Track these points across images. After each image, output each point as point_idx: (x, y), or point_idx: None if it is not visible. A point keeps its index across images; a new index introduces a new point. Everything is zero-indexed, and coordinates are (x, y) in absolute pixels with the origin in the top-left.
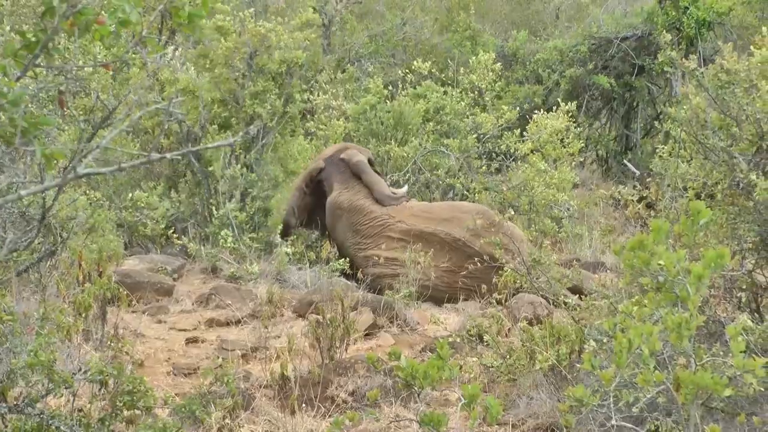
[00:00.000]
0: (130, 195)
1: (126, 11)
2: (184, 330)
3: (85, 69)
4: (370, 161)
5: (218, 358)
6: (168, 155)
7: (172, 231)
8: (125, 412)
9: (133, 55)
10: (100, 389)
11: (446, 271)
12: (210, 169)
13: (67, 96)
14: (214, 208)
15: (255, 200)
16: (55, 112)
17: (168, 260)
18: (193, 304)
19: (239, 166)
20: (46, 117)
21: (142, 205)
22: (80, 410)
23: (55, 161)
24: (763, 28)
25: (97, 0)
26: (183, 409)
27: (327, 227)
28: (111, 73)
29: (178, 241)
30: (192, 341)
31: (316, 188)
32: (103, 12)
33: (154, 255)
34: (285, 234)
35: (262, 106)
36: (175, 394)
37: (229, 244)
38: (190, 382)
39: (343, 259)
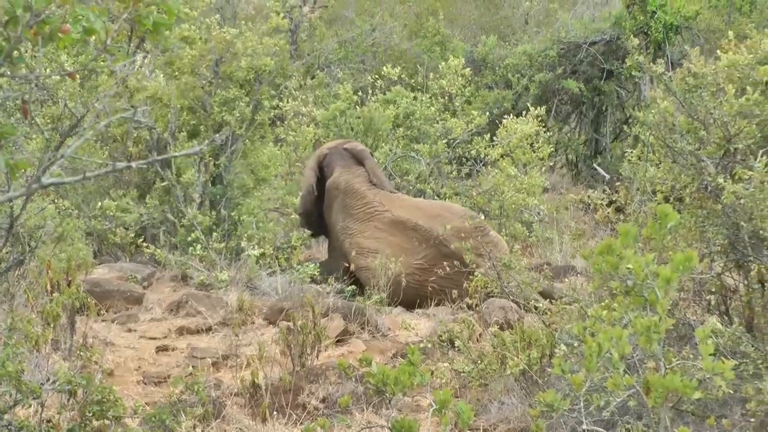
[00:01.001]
0: (100, 204)
1: (90, 20)
2: (154, 338)
3: (52, 77)
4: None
5: (189, 366)
6: (134, 164)
7: (142, 239)
8: (94, 423)
9: (102, 63)
10: (68, 399)
11: (419, 269)
12: (181, 177)
13: (30, 105)
14: (183, 216)
15: (225, 208)
16: (22, 121)
17: (137, 268)
18: (163, 313)
19: (208, 174)
20: (11, 126)
21: (112, 213)
22: (49, 421)
23: (21, 171)
24: (730, 32)
25: (62, 9)
26: (153, 419)
27: (324, 211)
28: (79, 81)
29: (148, 250)
30: (162, 350)
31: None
32: (67, 20)
33: (124, 263)
34: (303, 216)
35: (230, 114)
36: (146, 403)
37: (198, 252)
38: (160, 390)
39: (314, 265)
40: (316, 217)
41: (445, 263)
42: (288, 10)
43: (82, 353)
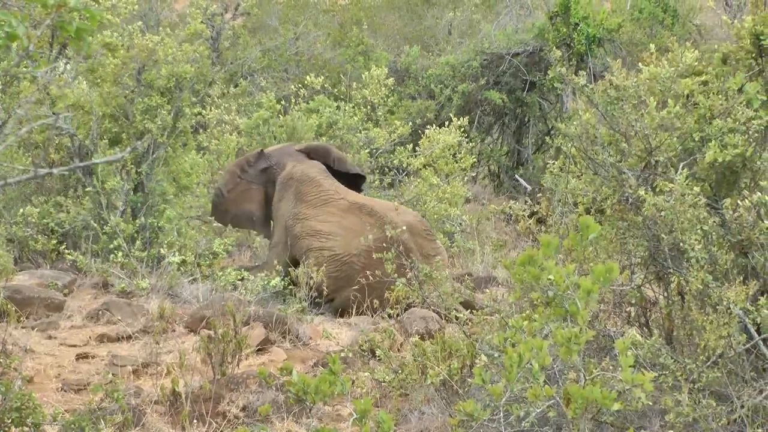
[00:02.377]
0: (21, 210)
1: (13, 25)
2: (75, 346)
3: None
4: None
5: (109, 373)
6: (55, 170)
7: (63, 246)
8: (14, 429)
9: (24, 69)
10: None
11: (366, 250)
12: (103, 184)
13: None
14: (105, 223)
15: (147, 216)
16: None
17: (59, 275)
18: (83, 320)
19: (129, 181)
20: None
21: (34, 220)
22: None
23: None
24: (652, 45)
25: None
26: (72, 426)
27: (272, 206)
28: (0, 86)
29: (69, 256)
30: (82, 357)
31: (260, 178)
32: None
33: (45, 270)
34: (214, 215)
35: (152, 121)
36: (65, 411)
37: (119, 259)
38: (80, 398)
39: (236, 272)
40: (233, 215)
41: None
42: (209, 17)
43: (1, 360)
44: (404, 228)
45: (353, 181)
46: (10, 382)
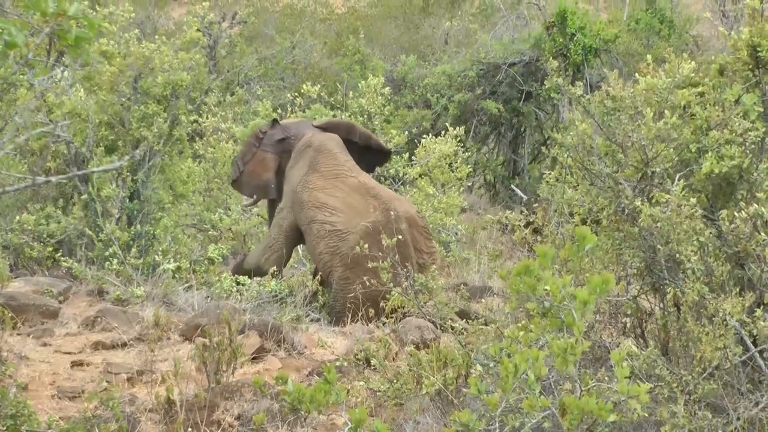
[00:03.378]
0: (18, 218)
1: (12, 33)
2: (70, 353)
3: None
4: None
5: (103, 381)
6: (53, 179)
7: (59, 253)
8: None
9: (21, 77)
10: None
11: (364, 231)
12: (100, 191)
13: None
14: (100, 230)
15: (142, 224)
16: None
17: (54, 282)
18: (78, 327)
19: (125, 189)
20: None
21: (30, 227)
22: None
23: None
24: (649, 56)
25: None
26: None
27: (284, 173)
28: None
29: (65, 263)
30: (77, 364)
31: (275, 148)
32: None
33: (40, 277)
34: (234, 187)
35: (148, 129)
36: (60, 418)
37: (115, 267)
38: (74, 405)
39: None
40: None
41: (386, 238)
42: (207, 26)
43: None
44: (403, 217)
45: (377, 157)
46: (5, 389)
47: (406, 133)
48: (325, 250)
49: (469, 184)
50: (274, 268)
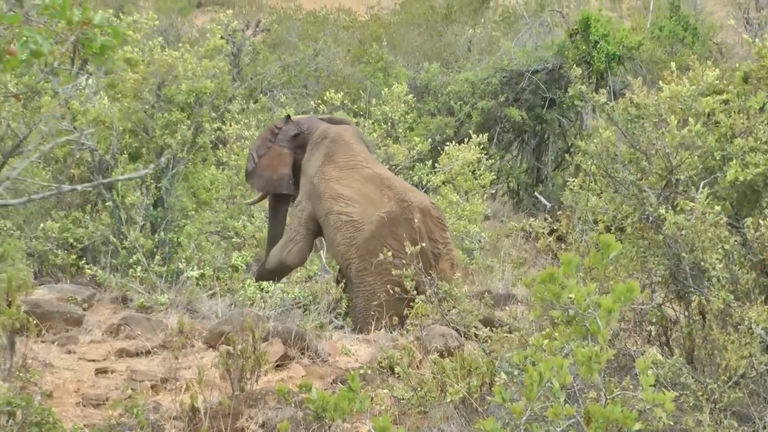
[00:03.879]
0: (42, 225)
1: (38, 42)
2: (94, 360)
3: None
4: None
5: (128, 389)
6: (79, 187)
7: (83, 261)
8: None
9: (45, 84)
10: (8, 420)
11: (378, 221)
12: (124, 199)
13: None
14: (124, 238)
15: (166, 231)
16: None
17: (78, 290)
18: (102, 334)
19: (149, 196)
20: None
21: (54, 234)
22: None
23: None
24: (672, 63)
25: (9, 31)
26: None
27: (300, 168)
28: (22, 101)
29: (89, 271)
30: (101, 372)
31: (291, 143)
32: (14, 42)
33: (64, 284)
34: (248, 181)
35: (172, 137)
36: (84, 425)
37: (138, 274)
38: (99, 413)
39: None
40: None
41: (399, 228)
42: (230, 33)
43: (21, 374)
44: (417, 207)
45: None
46: (29, 397)
47: (429, 140)
48: (342, 241)
49: (493, 191)
50: (297, 260)
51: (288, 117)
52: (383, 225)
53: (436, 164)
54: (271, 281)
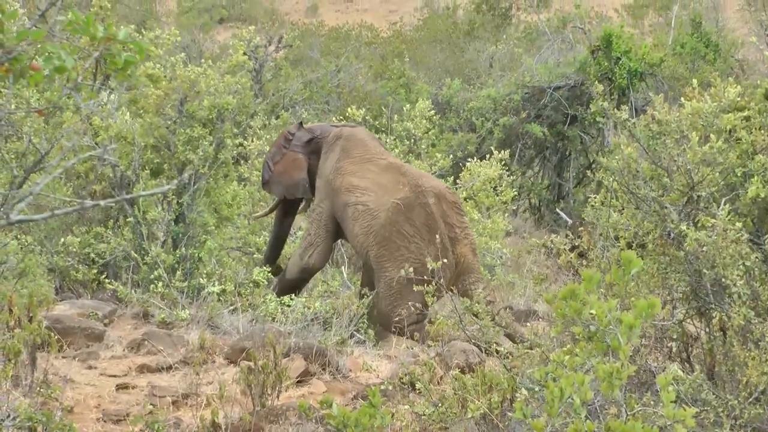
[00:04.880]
0: (63, 240)
1: (62, 57)
2: (115, 376)
3: (18, 113)
4: None
5: (148, 404)
6: (102, 202)
7: (104, 276)
8: None
9: (67, 100)
10: None
11: (394, 207)
12: (146, 214)
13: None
14: (146, 253)
15: (187, 247)
16: None
17: (99, 305)
18: (123, 350)
19: (171, 212)
20: None
21: (75, 250)
22: None
23: None
24: (694, 80)
25: (32, 46)
26: None
27: (316, 172)
28: (44, 117)
29: (110, 286)
30: (122, 387)
31: (305, 148)
32: (37, 58)
33: (85, 300)
34: (265, 188)
35: (194, 152)
36: None
37: (160, 289)
38: (119, 428)
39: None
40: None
41: (414, 213)
42: (253, 50)
43: (42, 390)
44: (431, 192)
45: None
46: (50, 412)
47: (451, 156)
48: (360, 231)
49: (514, 207)
50: (321, 263)
51: (300, 124)
52: (398, 211)
53: (457, 180)
54: (293, 294)
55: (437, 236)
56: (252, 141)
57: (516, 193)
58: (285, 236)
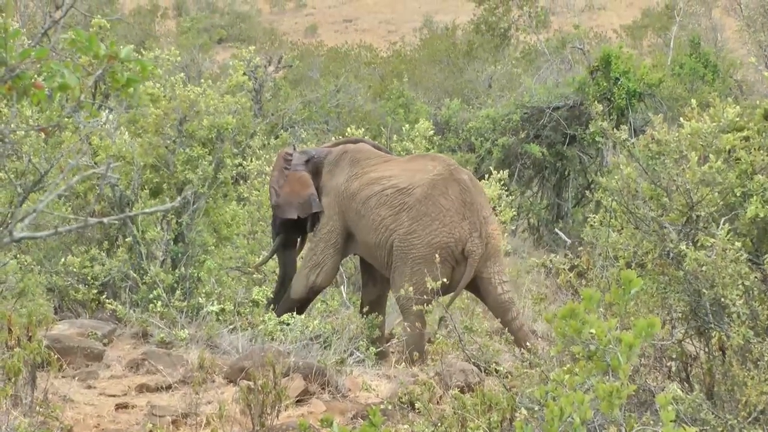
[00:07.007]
0: (63, 260)
1: (65, 76)
2: (114, 395)
3: (18, 132)
4: None
5: (148, 424)
6: (105, 219)
7: (103, 296)
8: None
9: (66, 119)
10: None
11: (429, 183)
12: (144, 234)
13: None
14: (145, 273)
15: (186, 266)
16: None
17: (98, 325)
18: (123, 370)
19: (170, 231)
20: None
21: (75, 269)
22: None
23: None
24: (693, 100)
25: (36, 64)
26: None
27: (321, 187)
28: (43, 136)
29: (110, 306)
30: (122, 407)
31: (306, 167)
32: (35, 76)
33: (85, 320)
34: (277, 214)
35: (193, 172)
36: None
37: (159, 309)
38: None
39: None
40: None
41: (449, 189)
42: (252, 70)
43: (42, 409)
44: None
45: None
46: None
47: None
48: (388, 213)
49: (513, 227)
50: (327, 282)
51: (293, 146)
52: (435, 186)
53: None
54: (294, 313)
55: (472, 210)
56: (251, 161)
57: (515, 213)
58: (292, 275)
